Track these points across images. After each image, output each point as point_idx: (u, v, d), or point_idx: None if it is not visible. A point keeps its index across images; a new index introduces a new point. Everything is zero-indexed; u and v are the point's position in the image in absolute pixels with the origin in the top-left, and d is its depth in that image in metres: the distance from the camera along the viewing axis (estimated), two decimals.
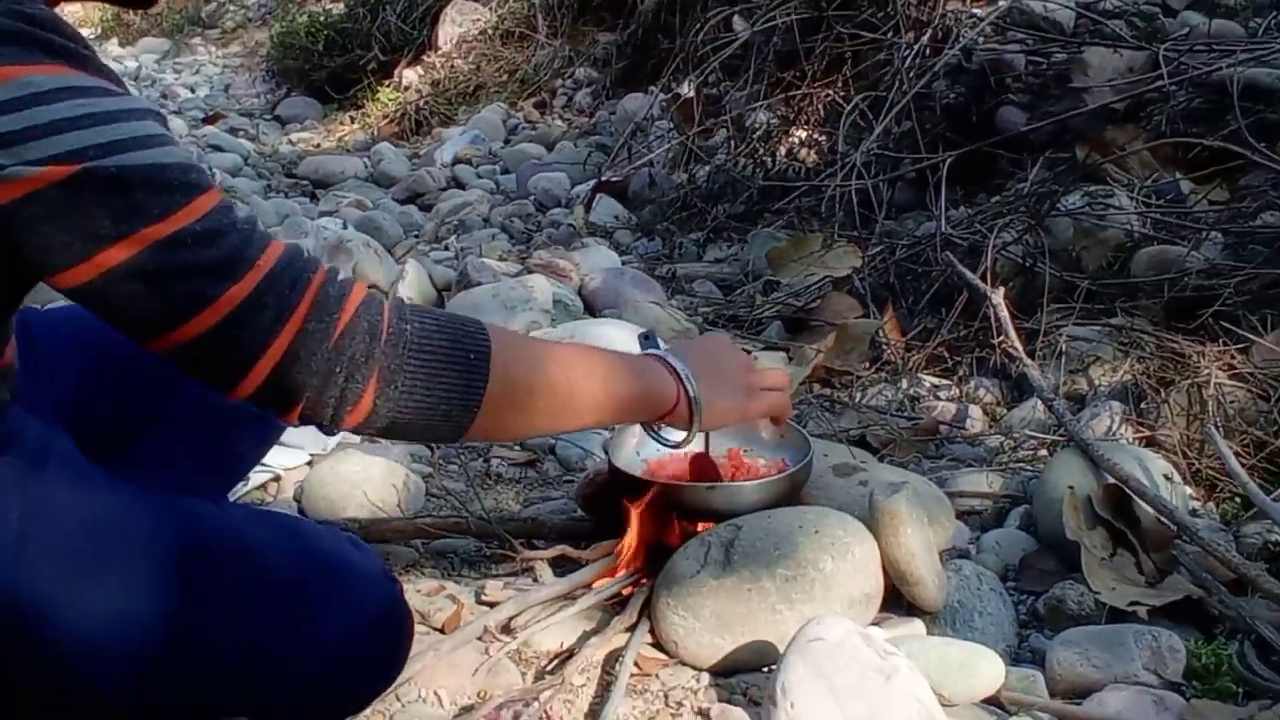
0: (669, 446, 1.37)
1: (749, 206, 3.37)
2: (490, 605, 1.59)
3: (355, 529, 1.74)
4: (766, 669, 1.44)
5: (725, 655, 1.46)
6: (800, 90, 3.47)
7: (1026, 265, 2.50)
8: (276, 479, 1.98)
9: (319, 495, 1.86)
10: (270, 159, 4.86)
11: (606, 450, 1.76)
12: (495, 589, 1.64)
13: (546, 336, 2.54)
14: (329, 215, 3.82)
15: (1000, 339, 2.21)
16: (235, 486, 1.75)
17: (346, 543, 1.24)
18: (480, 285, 2.83)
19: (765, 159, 3.47)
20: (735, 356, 1.35)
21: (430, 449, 2.15)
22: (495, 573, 1.71)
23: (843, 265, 2.77)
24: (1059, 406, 1.95)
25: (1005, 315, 2.21)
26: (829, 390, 2.39)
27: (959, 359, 2.38)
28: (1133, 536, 1.61)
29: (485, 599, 1.62)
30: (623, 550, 1.61)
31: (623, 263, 3.21)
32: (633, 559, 1.62)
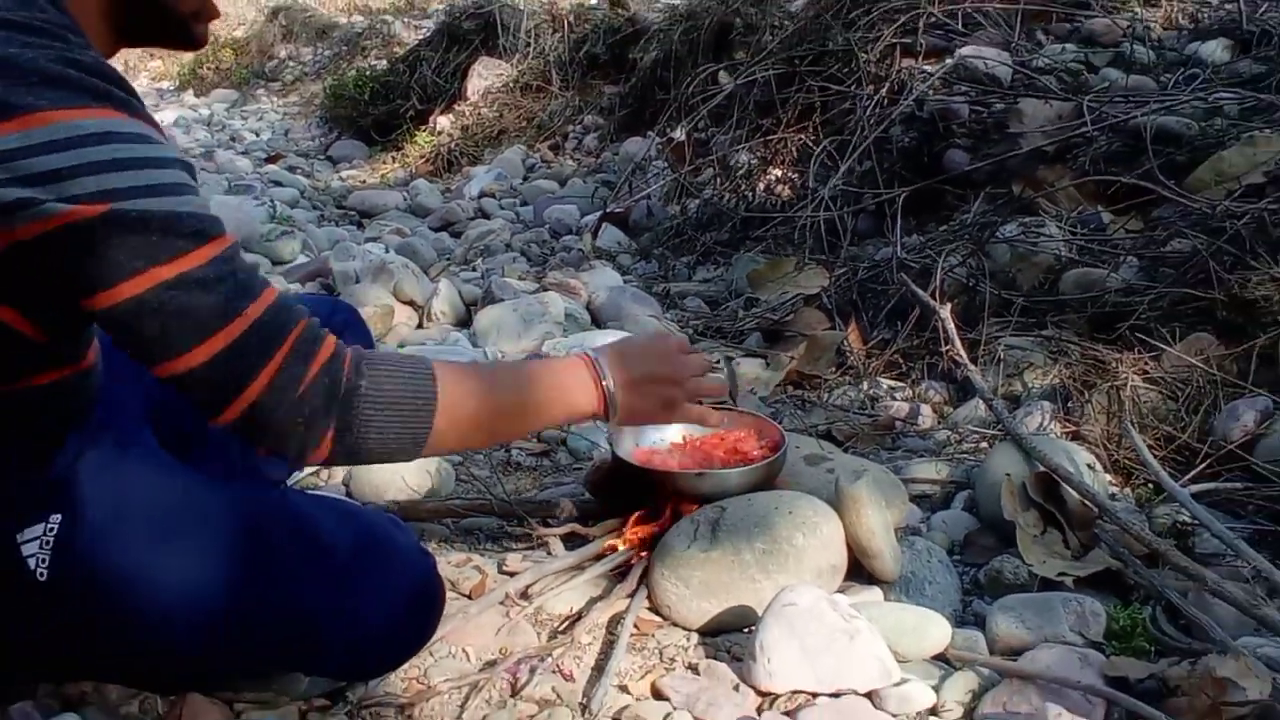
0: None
1: (732, 234, 3.37)
2: (510, 575, 1.59)
3: (395, 510, 1.74)
4: (747, 629, 1.43)
5: (711, 618, 1.46)
6: (776, 135, 3.47)
7: (970, 284, 2.50)
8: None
9: (365, 481, 1.86)
10: (323, 193, 4.85)
11: (610, 443, 1.76)
12: (515, 561, 1.64)
13: (559, 344, 2.54)
14: (373, 241, 3.82)
15: (947, 348, 2.21)
16: (293, 474, 1.75)
17: (389, 523, 1.24)
18: (503, 301, 2.84)
19: (746, 193, 3.47)
20: (674, 367, 1.24)
21: None
22: (515, 547, 1.71)
23: (813, 284, 2.77)
24: (997, 405, 1.95)
25: (951, 327, 2.21)
26: (801, 391, 2.39)
27: (912, 365, 2.38)
28: (1060, 517, 1.61)
29: (506, 569, 1.62)
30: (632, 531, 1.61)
31: (624, 282, 3.21)
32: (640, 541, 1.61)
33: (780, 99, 3.50)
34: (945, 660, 1.39)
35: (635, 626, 1.45)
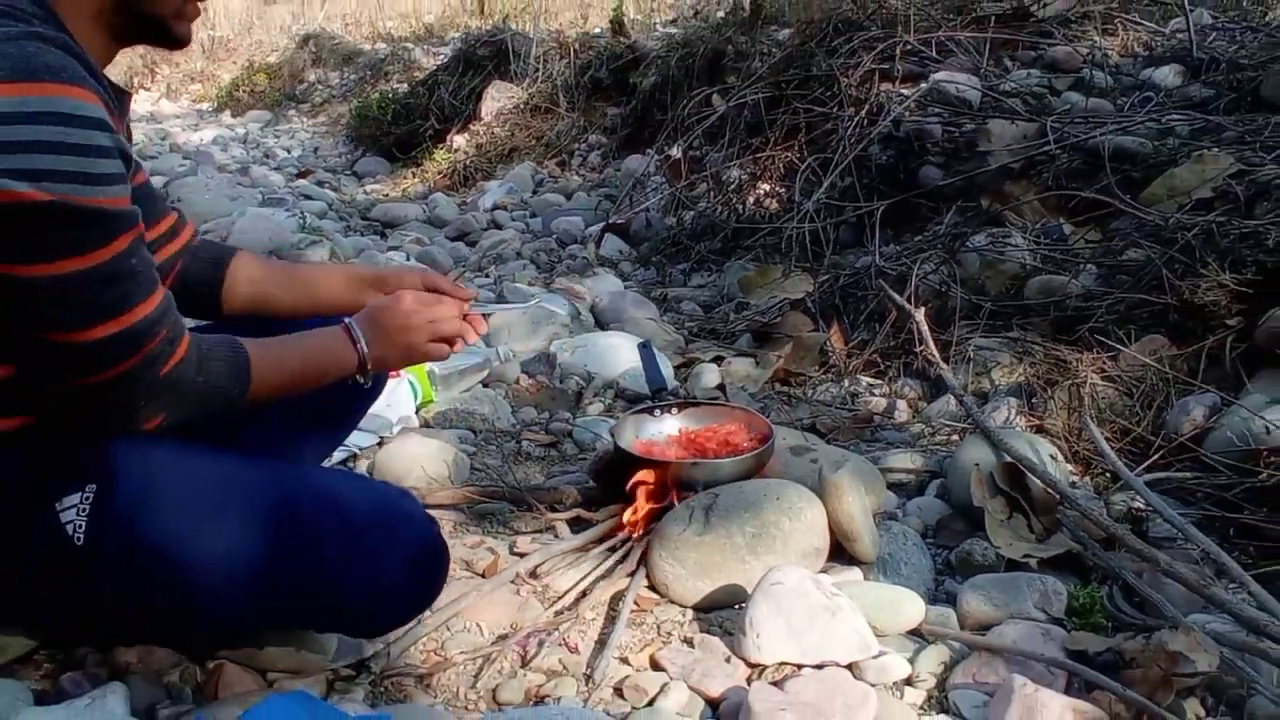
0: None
1: (724, 244, 3.37)
2: (521, 556, 1.59)
3: (415, 494, 1.74)
4: (738, 606, 1.43)
5: (705, 596, 1.46)
6: (765, 153, 3.46)
7: (942, 290, 2.49)
8: (354, 456, 1.98)
9: (387, 469, 1.86)
10: (349, 205, 4.84)
11: (613, 435, 1.76)
12: (525, 543, 1.64)
13: (565, 343, 2.54)
14: (395, 249, 3.81)
15: (921, 348, 2.21)
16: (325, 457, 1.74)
17: (398, 493, 1.24)
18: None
19: (737, 206, 3.47)
20: (406, 319, 1.28)
21: (473, 432, 2.14)
22: (524, 530, 1.71)
23: (798, 290, 2.77)
24: (967, 401, 1.95)
25: (925, 329, 2.21)
26: (787, 388, 2.39)
27: (889, 364, 2.38)
28: (1025, 503, 1.61)
29: (517, 551, 1.62)
30: (630, 515, 1.61)
31: (625, 287, 3.20)
32: (638, 523, 1.61)
33: (768, 120, 3.50)
34: (919, 635, 1.39)
35: (635, 603, 1.45)
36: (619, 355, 2.44)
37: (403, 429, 2.07)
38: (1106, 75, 3.28)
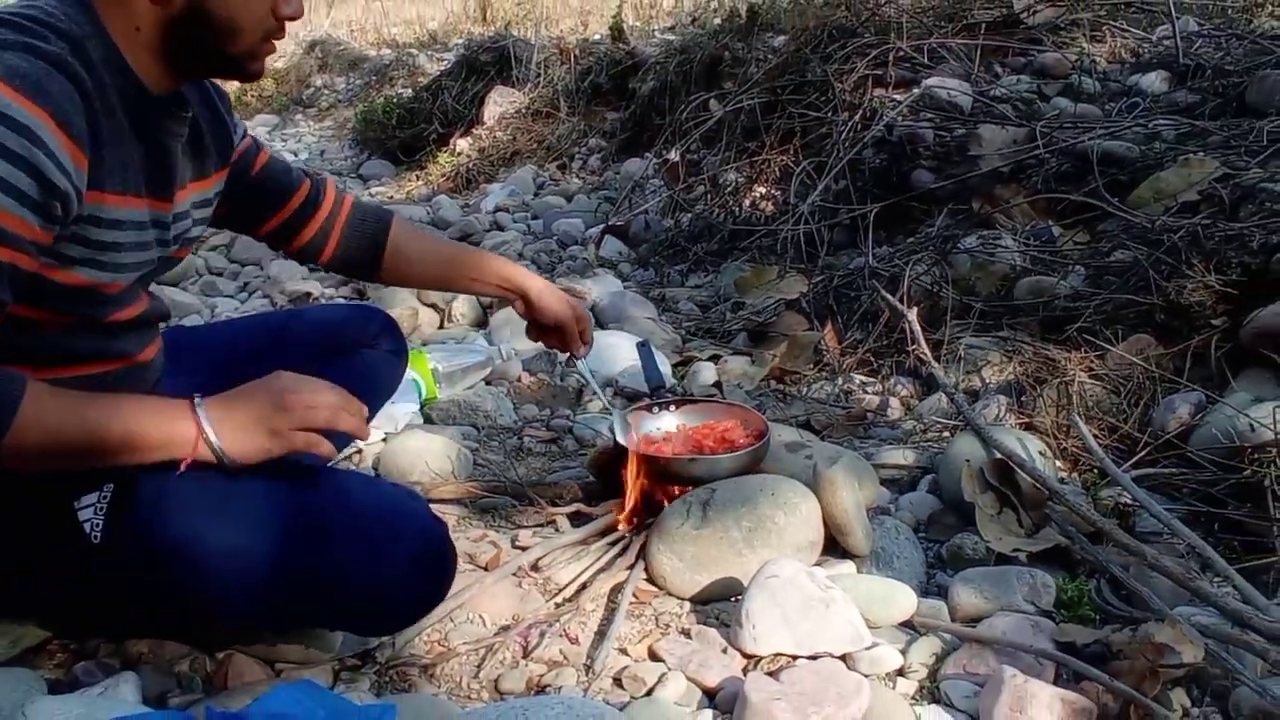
0: None
1: (721, 245, 3.36)
2: (522, 549, 1.59)
3: (419, 489, 1.74)
4: (734, 598, 1.43)
5: (702, 588, 1.46)
6: (761, 156, 3.46)
7: (934, 291, 2.49)
8: (359, 451, 1.98)
9: (392, 464, 1.86)
10: None
11: (612, 431, 1.76)
12: (526, 536, 1.64)
13: None
14: None
15: (914, 347, 2.21)
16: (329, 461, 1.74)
17: (406, 493, 1.24)
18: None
19: (734, 209, 3.46)
20: (276, 400, 1.09)
21: (476, 428, 2.14)
22: (526, 524, 1.71)
23: (793, 290, 2.76)
24: (958, 399, 1.95)
25: (917, 329, 2.21)
26: (782, 385, 2.39)
27: (882, 362, 2.37)
28: (1015, 499, 1.61)
29: (519, 544, 1.62)
30: (625, 508, 1.61)
31: (624, 287, 3.20)
32: (633, 515, 1.61)
33: (764, 124, 3.50)
34: (911, 626, 1.39)
35: (634, 596, 1.45)
36: (618, 354, 2.44)
37: (407, 425, 2.07)
38: (1095, 81, 3.28)
